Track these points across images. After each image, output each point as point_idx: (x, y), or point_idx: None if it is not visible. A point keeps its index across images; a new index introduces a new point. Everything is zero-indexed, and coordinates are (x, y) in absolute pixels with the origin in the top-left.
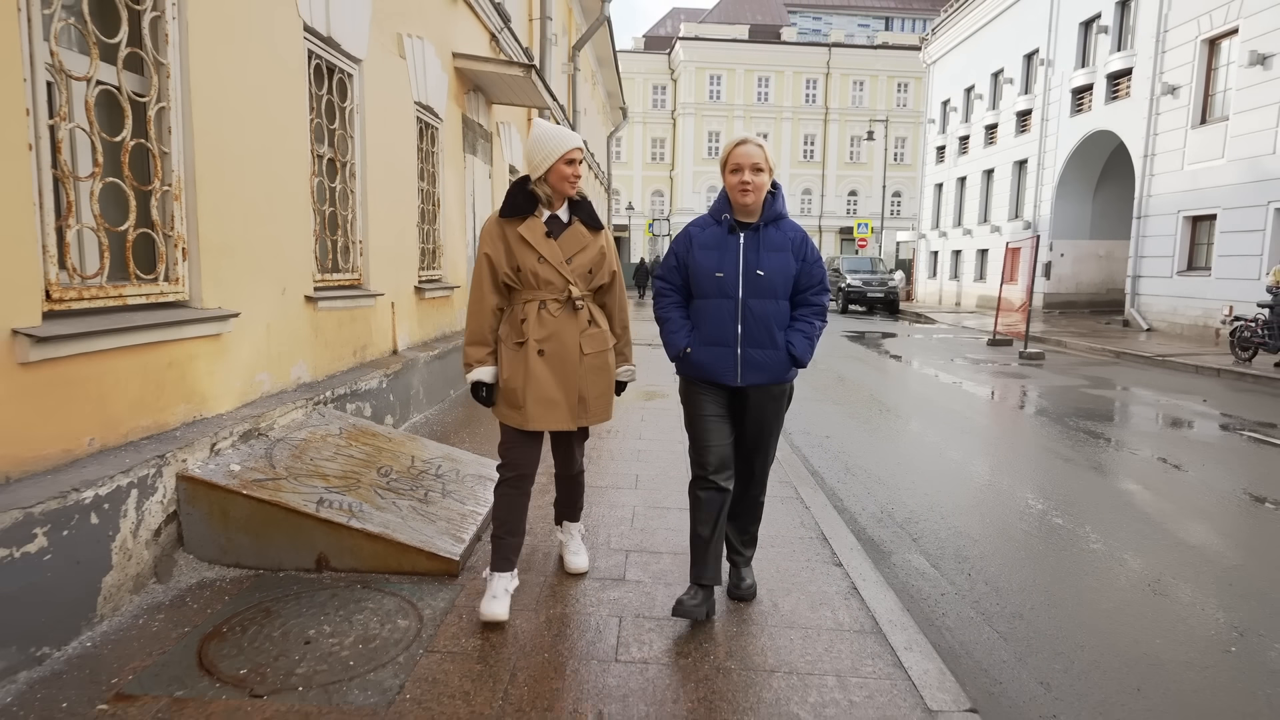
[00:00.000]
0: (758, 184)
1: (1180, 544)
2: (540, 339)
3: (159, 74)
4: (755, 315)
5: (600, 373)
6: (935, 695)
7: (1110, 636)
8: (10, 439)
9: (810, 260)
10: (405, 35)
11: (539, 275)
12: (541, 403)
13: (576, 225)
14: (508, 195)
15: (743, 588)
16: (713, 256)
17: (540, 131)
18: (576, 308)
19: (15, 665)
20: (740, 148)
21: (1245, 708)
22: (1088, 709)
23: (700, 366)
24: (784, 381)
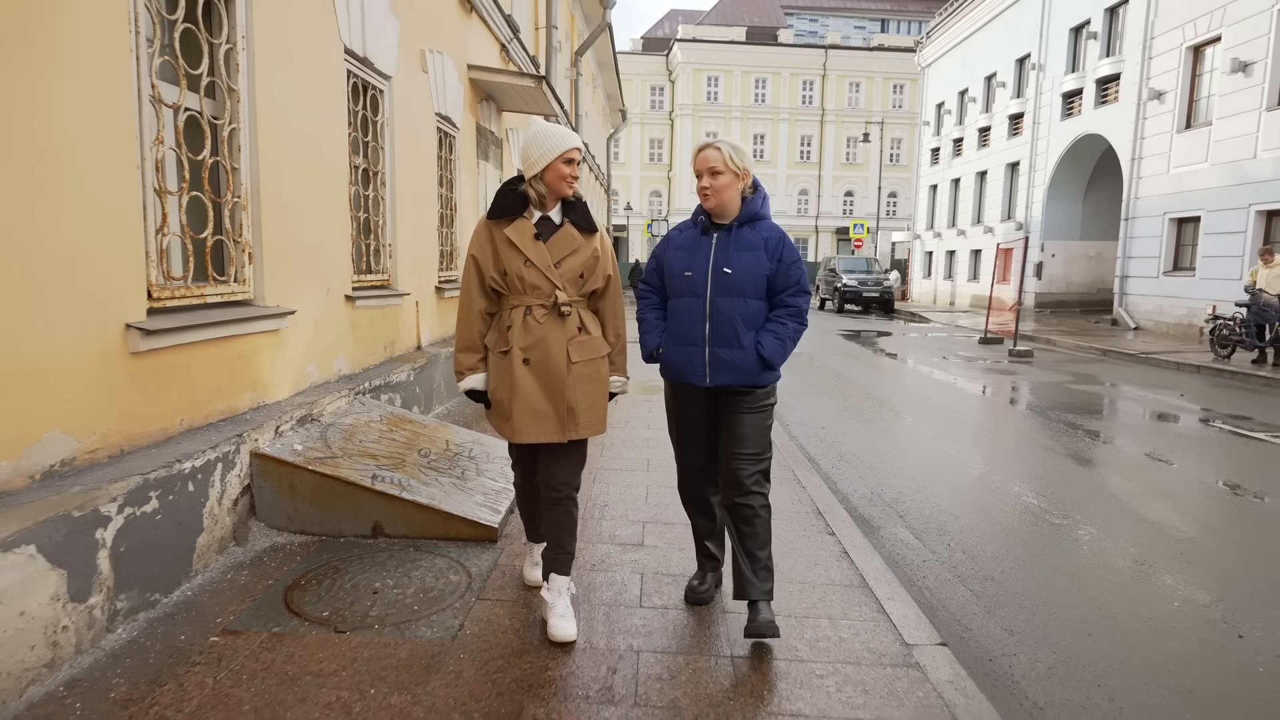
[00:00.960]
0: (715, 186)
1: (1141, 520)
2: (525, 347)
3: (231, 99)
4: (722, 314)
5: (590, 382)
6: (911, 633)
7: (1070, 595)
8: (124, 418)
9: (787, 261)
10: (428, 51)
11: (525, 279)
12: (528, 414)
13: (568, 227)
14: (497, 196)
15: (759, 622)
16: (684, 256)
17: (539, 129)
18: (563, 314)
19: (135, 607)
20: (701, 153)
21: (1180, 649)
22: (1044, 649)
23: (671, 367)
24: (757, 385)
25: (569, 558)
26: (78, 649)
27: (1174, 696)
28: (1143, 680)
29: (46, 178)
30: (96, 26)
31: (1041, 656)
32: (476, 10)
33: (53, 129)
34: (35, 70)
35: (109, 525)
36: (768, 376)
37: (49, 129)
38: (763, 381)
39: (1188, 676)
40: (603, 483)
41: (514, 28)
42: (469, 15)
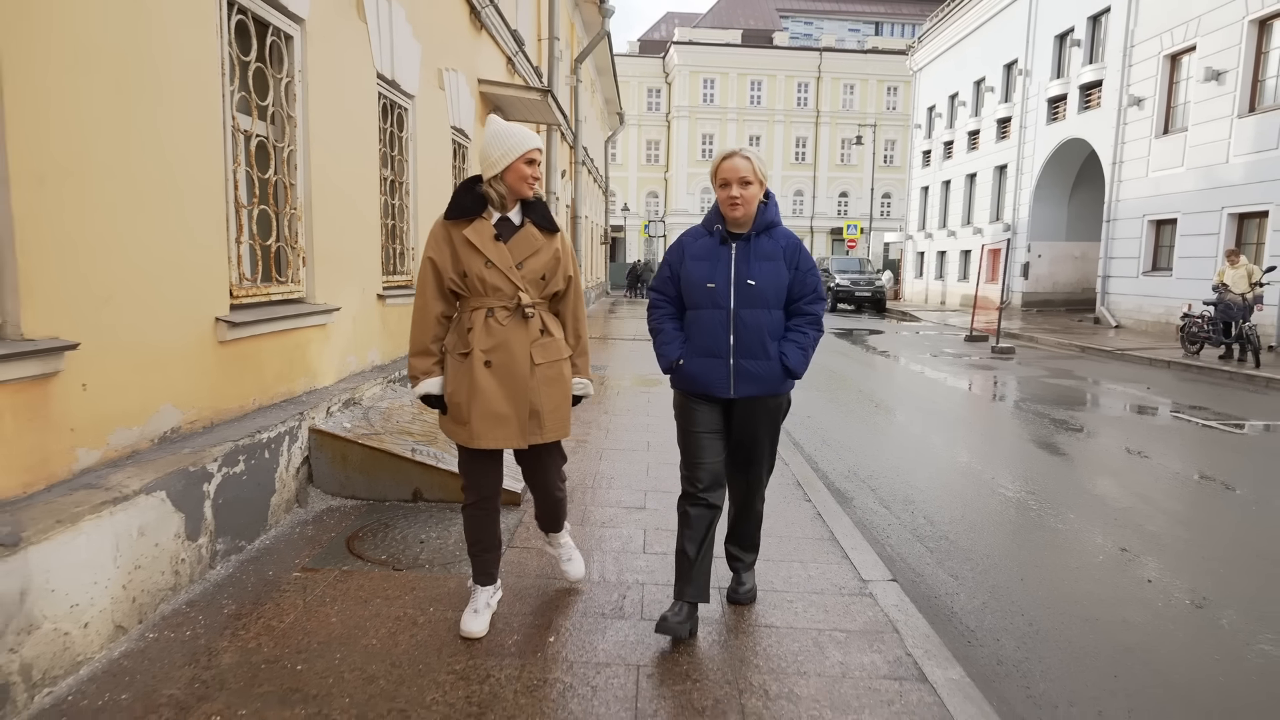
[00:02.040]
0: (746, 197)
1: (1085, 493)
2: (487, 349)
3: (289, 125)
4: (747, 325)
5: (554, 384)
6: (868, 573)
7: (1011, 550)
8: (214, 396)
9: (804, 269)
10: (444, 70)
11: (486, 281)
12: (488, 418)
13: (529, 228)
14: (454, 196)
15: (741, 592)
16: (704, 267)
17: (499, 128)
18: (526, 316)
19: (228, 550)
20: (727, 161)
21: (1096, 590)
22: (981, 590)
23: (693, 378)
24: (779, 394)
25: (562, 521)
26: (191, 579)
27: (1083, 624)
28: (1060, 612)
29: (160, 200)
30: (201, 75)
31: (978, 595)
32: (485, 28)
33: (164, 159)
34: (151, 112)
35: (212, 481)
36: (788, 384)
37: (162, 159)
38: (783, 390)
39: (1098, 609)
40: (609, 460)
41: (519, 41)
42: (479, 33)
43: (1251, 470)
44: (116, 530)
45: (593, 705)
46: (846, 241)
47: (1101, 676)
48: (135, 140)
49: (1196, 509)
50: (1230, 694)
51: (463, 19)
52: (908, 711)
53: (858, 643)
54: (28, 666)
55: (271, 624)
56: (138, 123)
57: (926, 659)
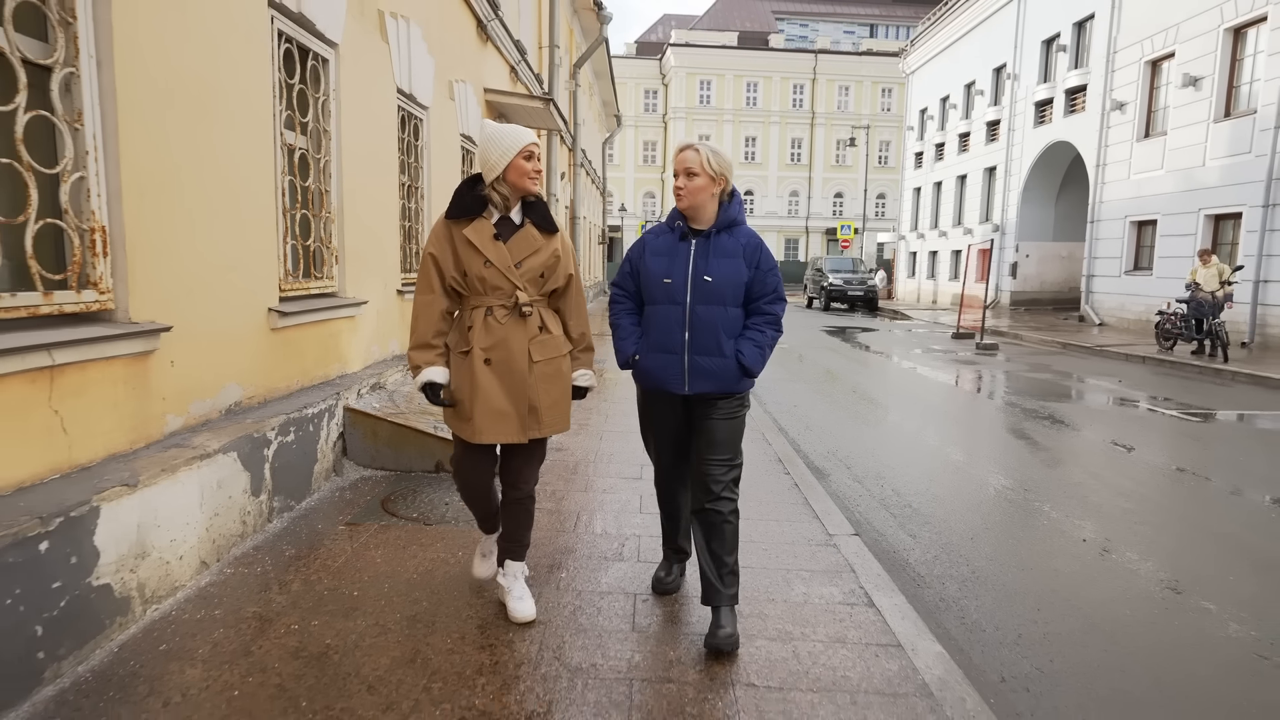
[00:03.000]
0: (690, 188)
1: (1039, 469)
2: (486, 347)
3: (325, 139)
4: (703, 321)
5: (552, 380)
6: (835, 529)
7: (966, 516)
8: (267, 376)
9: (764, 268)
10: (455, 82)
11: (485, 280)
12: (490, 414)
13: (529, 228)
14: (455, 196)
15: (720, 635)
16: (663, 263)
17: (492, 131)
18: (524, 314)
19: (281, 508)
20: (679, 154)
21: (1039, 549)
22: (934, 547)
23: (648, 374)
24: (734, 392)
25: (525, 548)
26: (254, 529)
27: (1018, 571)
28: (1000, 563)
29: (227, 207)
30: (258, 99)
31: (931, 550)
32: (491, 39)
33: (231, 173)
34: (220, 133)
35: (270, 447)
36: (745, 383)
37: (229, 173)
38: (740, 389)
39: (1033, 560)
40: (608, 440)
41: (521, 50)
42: (485, 45)
43: (1195, 452)
44: (202, 482)
45: (598, 619)
46: (840, 241)
47: (1027, 610)
48: (208, 158)
49: (1139, 484)
50: (1132, 624)
51: (470, 32)
52: (855, 626)
53: (819, 579)
54: (141, 585)
55: (327, 563)
56: (210, 143)
57: (875, 591)
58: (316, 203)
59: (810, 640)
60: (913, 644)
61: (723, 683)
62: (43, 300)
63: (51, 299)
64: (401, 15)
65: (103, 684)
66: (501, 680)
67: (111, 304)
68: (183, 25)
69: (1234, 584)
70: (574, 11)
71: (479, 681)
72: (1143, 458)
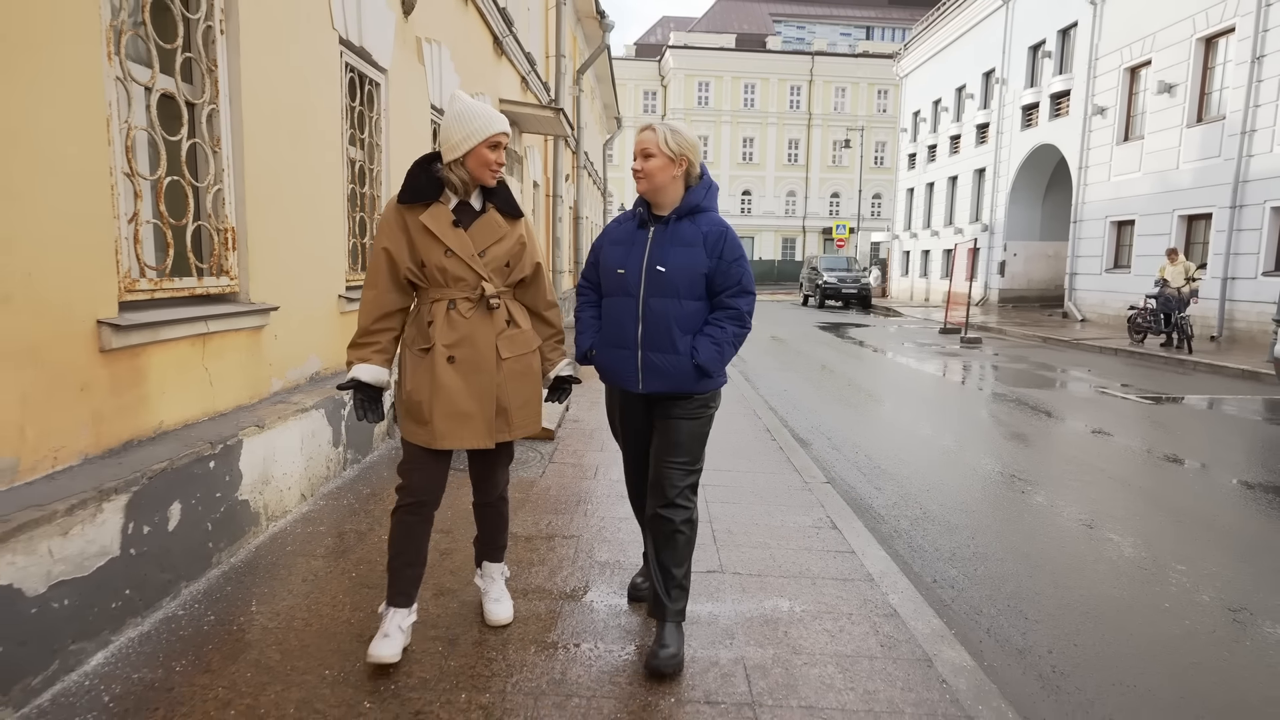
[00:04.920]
0: (647, 170)
1: (996, 439)
2: (450, 344)
3: (377, 152)
4: (656, 315)
5: (523, 379)
6: (810, 479)
7: (926, 473)
8: (338, 352)
9: (728, 258)
10: (475, 95)
11: (447, 271)
12: (452, 417)
13: (491, 213)
14: (408, 177)
15: (661, 656)
16: (619, 252)
17: (462, 107)
18: (491, 307)
19: (353, 460)
20: (637, 135)
21: (985, 497)
22: (896, 496)
23: (603, 370)
24: (694, 393)
25: (502, 549)
26: (334, 474)
27: (961, 513)
28: (947, 508)
29: (314, 212)
30: (334, 120)
31: (892, 498)
32: (505, 54)
33: (316, 184)
34: (310, 151)
35: (345, 408)
36: (705, 384)
37: (315, 184)
38: (700, 389)
39: (977, 505)
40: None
41: (531, 61)
42: (500, 59)
43: (1130, 425)
44: (302, 430)
45: (619, 534)
46: (835, 240)
47: (963, 539)
48: (300, 171)
49: (1080, 449)
50: (1048, 548)
51: (488, 48)
52: (819, 540)
53: (794, 513)
54: (266, 505)
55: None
56: (302, 159)
57: (839, 519)
58: (371, 207)
59: (784, 549)
60: (864, 551)
61: (716, 570)
62: (197, 284)
63: (202, 283)
64: (434, 40)
65: (252, 569)
66: (549, 569)
67: (237, 288)
68: (285, 67)
69: (1099, 497)
70: (577, 20)
71: (533, 569)
72: (1089, 432)
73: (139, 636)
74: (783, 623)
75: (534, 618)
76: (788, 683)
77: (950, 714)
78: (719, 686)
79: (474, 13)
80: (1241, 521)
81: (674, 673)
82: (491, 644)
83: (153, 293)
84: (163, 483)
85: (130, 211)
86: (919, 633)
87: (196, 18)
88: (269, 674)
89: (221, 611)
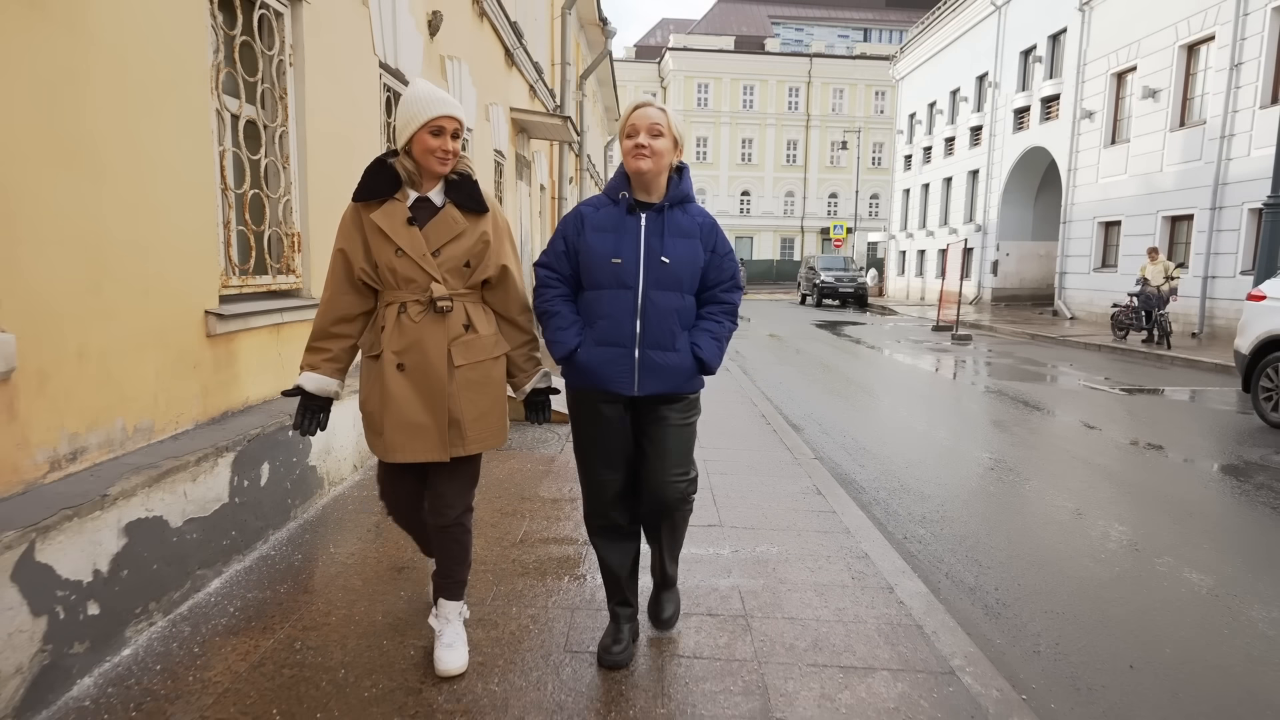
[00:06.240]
0: (655, 149)
1: (974, 424)
2: (398, 350)
3: None
4: (658, 310)
5: (479, 389)
6: (801, 455)
7: (906, 452)
8: None
9: (721, 252)
10: (490, 105)
11: (397, 272)
12: (403, 428)
13: (449, 209)
14: (364, 174)
15: (664, 618)
16: (609, 240)
17: (410, 92)
18: (439, 310)
19: None
20: (638, 110)
21: (956, 473)
22: (877, 470)
23: (588, 371)
24: (688, 392)
25: (461, 585)
26: None
27: (936, 486)
28: (924, 481)
29: None
30: (373, 136)
31: (874, 473)
32: (516, 65)
33: None
34: (350, 163)
35: None
36: (697, 382)
37: None
38: (693, 388)
39: (951, 479)
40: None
41: (539, 70)
42: (511, 69)
43: (1113, 418)
44: (354, 409)
45: None
46: (833, 241)
47: (934, 506)
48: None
49: (1054, 436)
50: (998, 507)
51: (500, 60)
52: (805, 503)
53: (784, 482)
54: (328, 471)
55: None
56: (350, 172)
57: (823, 487)
58: None
59: (774, 509)
60: (843, 512)
61: (716, 525)
62: (272, 281)
63: (275, 280)
64: (455, 57)
65: (323, 522)
66: (574, 523)
67: (301, 285)
68: (338, 91)
69: (1058, 472)
70: (580, 28)
71: (560, 523)
72: (1064, 420)
73: (244, 569)
74: (771, 562)
75: (565, 558)
76: (774, 602)
77: (904, 623)
78: (719, 604)
79: (488, 29)
80: (1176, 488)
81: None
82: (531, 572)
83: (241, 288)
84: (257, 446)
85: (225, 220)
86: (885, 570)
87: (272, 53)
88: (355, 594)
89: (306, 551)
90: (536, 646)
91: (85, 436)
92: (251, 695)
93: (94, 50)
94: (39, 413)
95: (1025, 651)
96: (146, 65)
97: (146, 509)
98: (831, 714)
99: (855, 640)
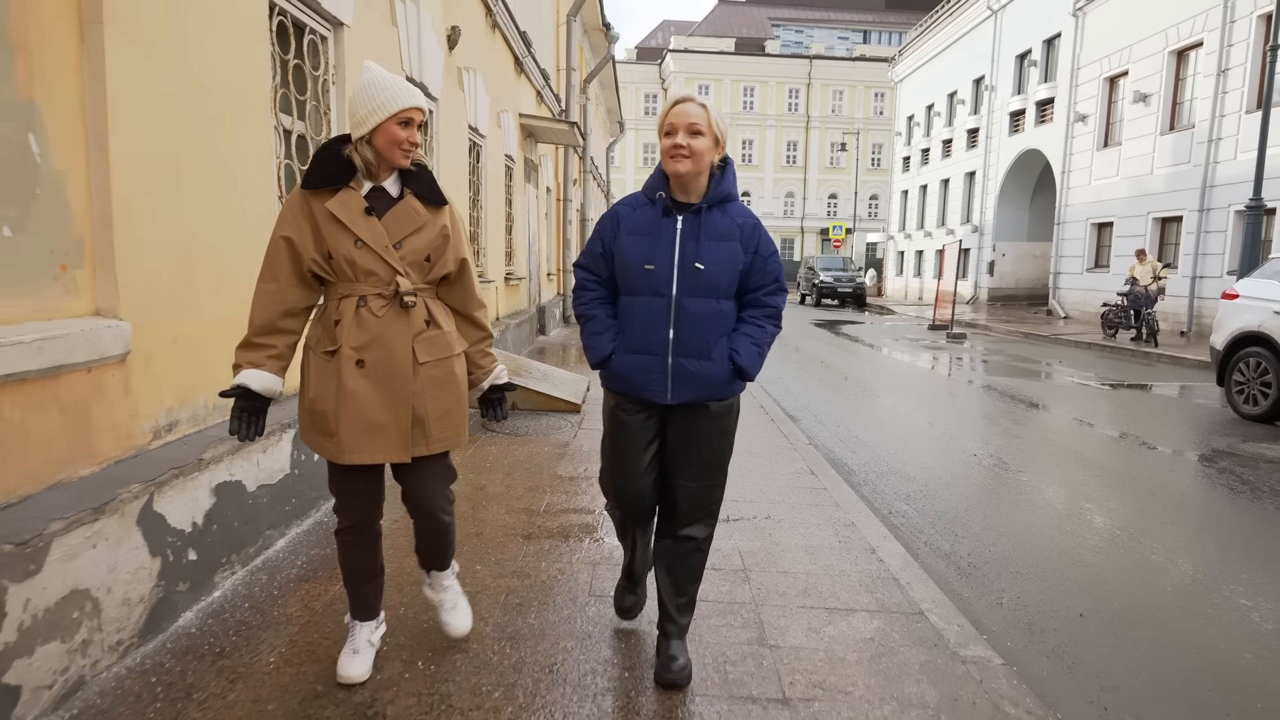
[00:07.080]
0: (695, 149)
1: (962, 416)
2: (358, 346)
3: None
4: (692, 318)
5: (444, 386)
6: (796, 442)
7: (895, 440)
8: None
9: (764, 253)
10: (501, 112)
11: (356, 264)
12: (361, 428)
13: (409, 200)
14: (314, 160)
15: (673, 669)
16: (643, 244)
17: (371, 78)
18: (405, 305)
19: None
20: (677, 106)
21: (940, 460)
22: (867, 455)
23: (621, 378)
24: (725, 398)
25: (449, 557)
26: None
27: (922, 470)
28: (911, 464)
29: None
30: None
31: (864, 458)
32: (524, 72)
33: None
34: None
35: None
36: (736, 386)
37: None
38: (730, 393)
39: (935, 464)
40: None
41: (545, 76)
42: (520, 76)
43: (1097, 410)
44: None
45: None
46: (832, 241)
47: (917, 487)
48: None
49: (1037, 425)
50: (978, 489)
51: (510, 69)
52: (799, 481)
53: (782, 465)
54: None
55: (468, 453)
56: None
57: (816, 469)
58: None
59: (771, 486)
60: (834, 489)
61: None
62: None
63: None
64: (470, 68)
65: None
66: (589, 496)
67: None
68: None
69: (1036, 457)
70: (584, 32)
71: (577, 498)
72: (1046, 410)
73: (303, 532)
74: (768, 528)
75: (584, 525)
76: (770, 559)
77: (882, 576)
78: (721, 560)
79: (500, 39)
80: (1144, 471)
81: (685, 683)
82: (555, 535)
83: None
84: None
85: None
86: (869, 535)
87: (318, 73)
88: (403, 551)
89: None
90: (564, 591)
91: (178, 411)
92: (329, 625)
93: (190, 84)
94: (145, 389)
95: (990, 604)
96: (224, 91)
97: (230, 473)
98: (817, 641)
99: (839, 588)
